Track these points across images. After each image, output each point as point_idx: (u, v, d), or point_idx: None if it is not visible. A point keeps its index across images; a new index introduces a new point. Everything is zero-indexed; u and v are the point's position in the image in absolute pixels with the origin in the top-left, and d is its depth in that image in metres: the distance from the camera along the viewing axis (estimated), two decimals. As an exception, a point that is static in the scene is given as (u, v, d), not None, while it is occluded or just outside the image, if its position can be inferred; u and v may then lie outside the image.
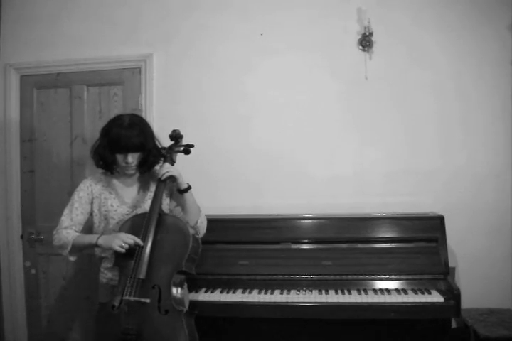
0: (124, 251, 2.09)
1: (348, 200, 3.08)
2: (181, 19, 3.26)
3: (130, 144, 2.18)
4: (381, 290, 2.59)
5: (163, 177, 2.24)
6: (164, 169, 2.25)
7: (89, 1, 3.34)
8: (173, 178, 2.26)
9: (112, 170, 2.30)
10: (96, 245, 2.18)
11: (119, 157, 2.23)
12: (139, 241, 2.12)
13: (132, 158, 2.23)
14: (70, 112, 3.36)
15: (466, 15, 3.03)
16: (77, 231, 2.26)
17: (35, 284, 3.38)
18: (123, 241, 2.09)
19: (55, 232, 2.25)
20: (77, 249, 2.22)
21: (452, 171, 3.03)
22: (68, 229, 2.24)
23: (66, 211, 2.29)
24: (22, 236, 3.40)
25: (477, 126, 3.03)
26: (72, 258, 2.26)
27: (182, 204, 2.32)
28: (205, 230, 2.38)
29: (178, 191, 2.29)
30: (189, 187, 2.29)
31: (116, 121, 2.24)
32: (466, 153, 3.03)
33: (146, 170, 2.33)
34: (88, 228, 2.38)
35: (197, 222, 2.33)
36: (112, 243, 2.10)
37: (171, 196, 2.39)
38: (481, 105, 3.02)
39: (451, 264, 2.75)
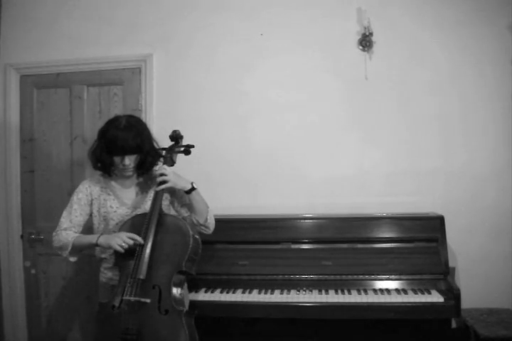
0: (123, 250, 2.09)
1: (348, 200, 3.08)
2: (181, 19, 3.25)
3: (127, 146, 2.17)
4: (381, 290, 2.59)
5: (158, 189, 2.22)
6: (160, 178, 2.22)
7: (89, 1, 3.34)
8: (171, 188, 2.27)
9: (110, 172, 2.30)
10: (96, 244, 2.17)
11: (117, 159, 2.22)
12: (139, 239, 2.11)
13: (129, 160, 2.22)
14: (70, 112, 3.36)
15: (466, 15, 3.02)
16: (76, 233, 2.25)
17: (35, 284, 3.38)
18: (123, 240, 2.09)
19: (54, 234, 2.25)
20: (77, 249, 2.21)
21: (452, 171, 3.03)
22: (68, 230, 2.23)
23: (65, 213, 2.29)
24: (22, 236, 3.40)
25: (477, 126, 3.03)
26: (72, 259, 2.26)
27: (189, 204, 2.32)
28: (214, 226, 2.38)
29: (184, 191, 2.29)
30: (193, 188, 2.27)
31: (113, 123, 2.22)
32: (466, 153, 3.03)
33: (143, 172, 2.33)
34: (88, 229, 2.37)
35: (206, 219, 2.32)
36: (111, 241, 2.10)
37: (174, 196, 2.38)
38: (481, 105, 3.02)
39: (451, 264, 2.75)
